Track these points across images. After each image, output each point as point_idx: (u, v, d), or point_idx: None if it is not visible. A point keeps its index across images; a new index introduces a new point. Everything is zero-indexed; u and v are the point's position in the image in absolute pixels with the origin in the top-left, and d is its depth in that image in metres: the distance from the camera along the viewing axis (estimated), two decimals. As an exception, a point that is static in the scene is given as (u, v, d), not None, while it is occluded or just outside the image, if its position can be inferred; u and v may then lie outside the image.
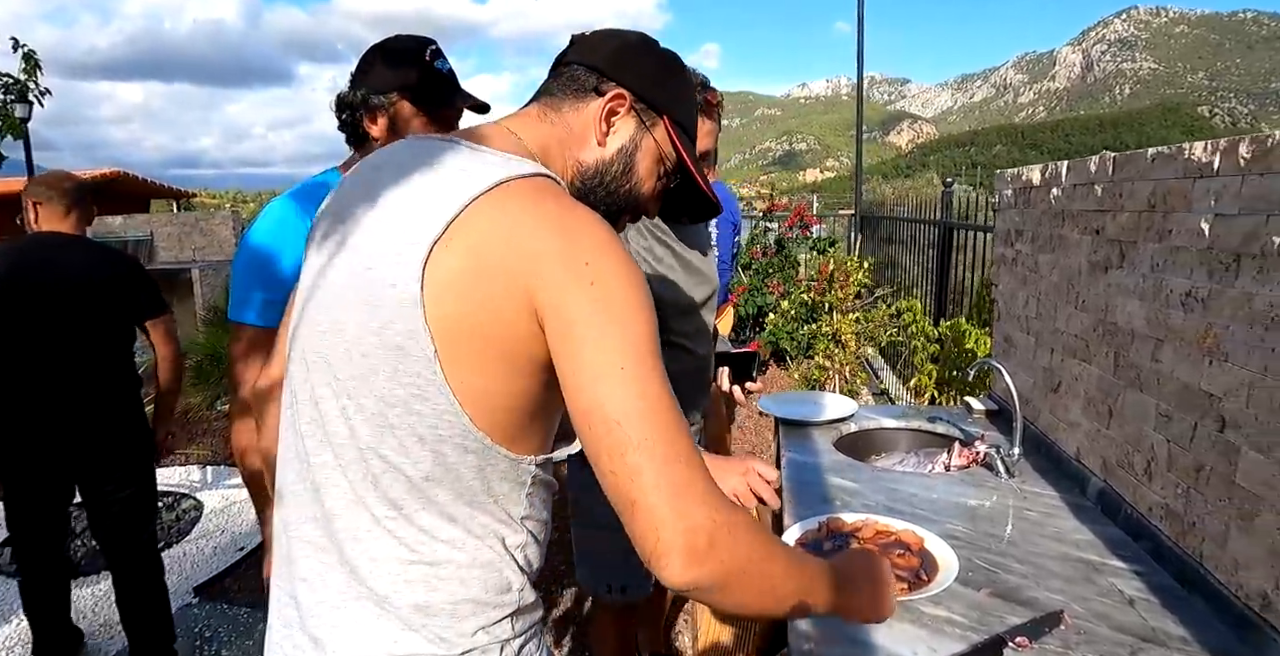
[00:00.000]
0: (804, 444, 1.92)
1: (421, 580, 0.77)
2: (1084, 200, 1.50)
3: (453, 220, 0.71)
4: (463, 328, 0.71)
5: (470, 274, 0.70)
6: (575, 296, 0.69)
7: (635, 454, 0.66)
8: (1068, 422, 1.63)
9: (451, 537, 0.78)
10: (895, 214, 5.54)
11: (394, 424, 0.74)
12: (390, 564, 0.77)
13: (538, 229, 0.70)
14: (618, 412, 0.67)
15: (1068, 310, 1.60)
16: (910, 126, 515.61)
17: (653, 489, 0.65)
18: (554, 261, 0.69)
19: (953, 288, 3.81)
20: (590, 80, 0.86)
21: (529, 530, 0.84)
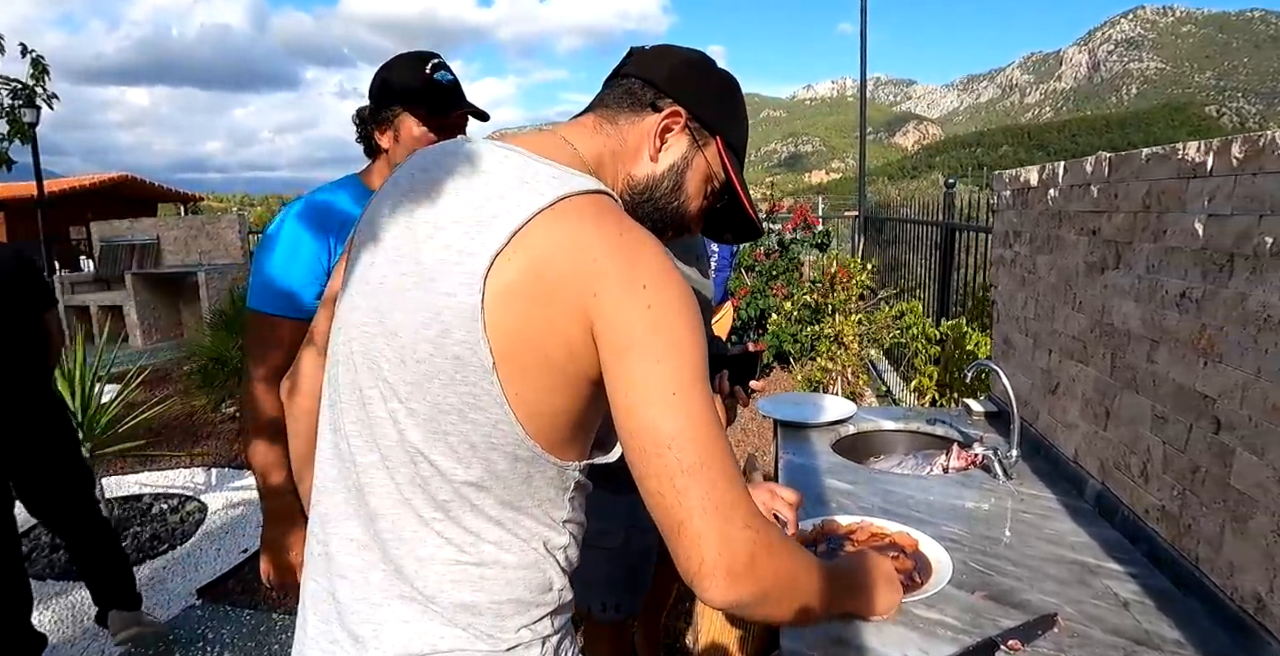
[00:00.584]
0: (802, 446, 1.91)
1: (468, 580, 0.79)
2: (1081, 201, 1.49)
3: (515, 233, 0.72)
4: (520, 341, 0.73)
5: (530, 288, 0.71)
6: (632, 318, 0.70)
7: (684, 478, 0.69)
8: (1066, 424, 1.62)
9: (499, 539, 0.80)
10: (898, 215, 5.53)
11: (447, 431, 0.76)
12: (437, 564, 0.79)
13: (598, 248, 0.71)
14: (668, 436, 0.69)
15: (1065, 311, 1.59)
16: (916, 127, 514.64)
17: (700, 512, 0.68)
18: (613, 281, 0.71)
19: (955, 289, 3.80)
20: (647, 95, 0.87)
21: (570, 532, 0.86)
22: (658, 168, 0.87)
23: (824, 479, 1.67)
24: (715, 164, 0.90)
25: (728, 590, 0.69)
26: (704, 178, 0.90)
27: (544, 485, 0.81)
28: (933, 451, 1.95)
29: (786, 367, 6.08)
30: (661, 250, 0.76)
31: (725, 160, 0.90)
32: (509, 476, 0.78)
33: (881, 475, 1.73)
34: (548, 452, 0.79)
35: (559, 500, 0.84)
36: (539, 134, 0.87)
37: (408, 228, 0.79)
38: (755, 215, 0.96)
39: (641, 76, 0.88)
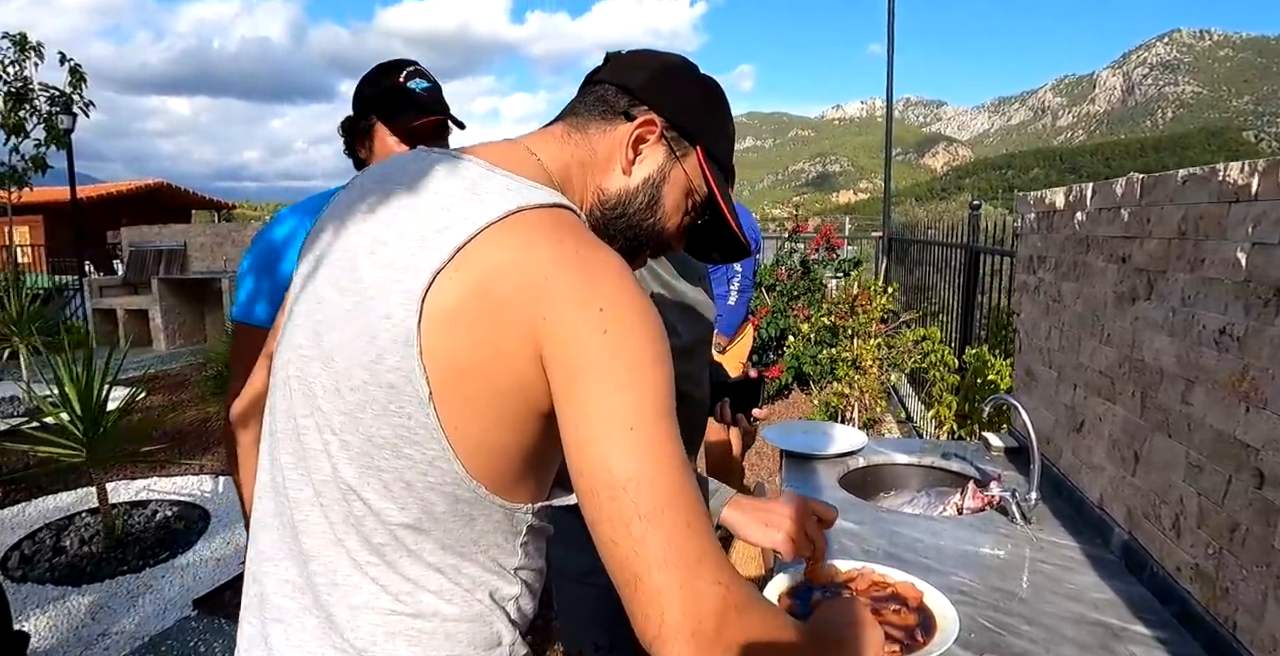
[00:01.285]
0: (807, 478, 1.81)
1: (404, 633, 0.71)
2: (1110, 225, 1.38)
3: (460, 249, 0.65)
4: (461, 368, 0.65)
5: (474, 310, 0.65)
6: (585, 343, 0.63)
7: (642, 524, 0.60)
8: (1091, 466, 1.50)
9: (440, 588, 0.72)
10: (922, 237, 5.40)
11: (380, 466, 0.69)
12: (370, 614, 0.71)
13: (550, 265, 0.64)
14: (624, 477, 0.61)
15: (1092, 344, 1.48)
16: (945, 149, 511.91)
17: (659, 564, 0.60)
18: (566, 303, 0.63)
19: (980, 314, 3.67)
20: (621, 102, 0.80)
21: (523, 581, 0.78)
22: (631, 181, 0.80)
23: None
24: (696, 176, 0.82)
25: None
26: (683, 191, 0.82)
27: (490, 529, 0.73)
28: (947, 489, 1.84)
29: (806, 390, 5.94)
30: (625, 271, 0.68)
31: (706, 172, 0.82)
32: (449, 519, 0.71)
33: (890, 515, 1.61)
34: (494, 494, 0.71)
35: (508, 546, 0.76)
36: (502, 144, 0.80)
37: (351, 242, 0.72)
38: (741, 232, 0.88)
39: (616, 82, 0.81)
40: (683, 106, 0.81)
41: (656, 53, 0.86)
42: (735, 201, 3.12)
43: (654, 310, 0.67)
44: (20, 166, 8.19)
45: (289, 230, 1.43)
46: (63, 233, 15.60)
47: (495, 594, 0.75)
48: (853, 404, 3.70)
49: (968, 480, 1.80)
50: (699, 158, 0.82)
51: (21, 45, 7.52)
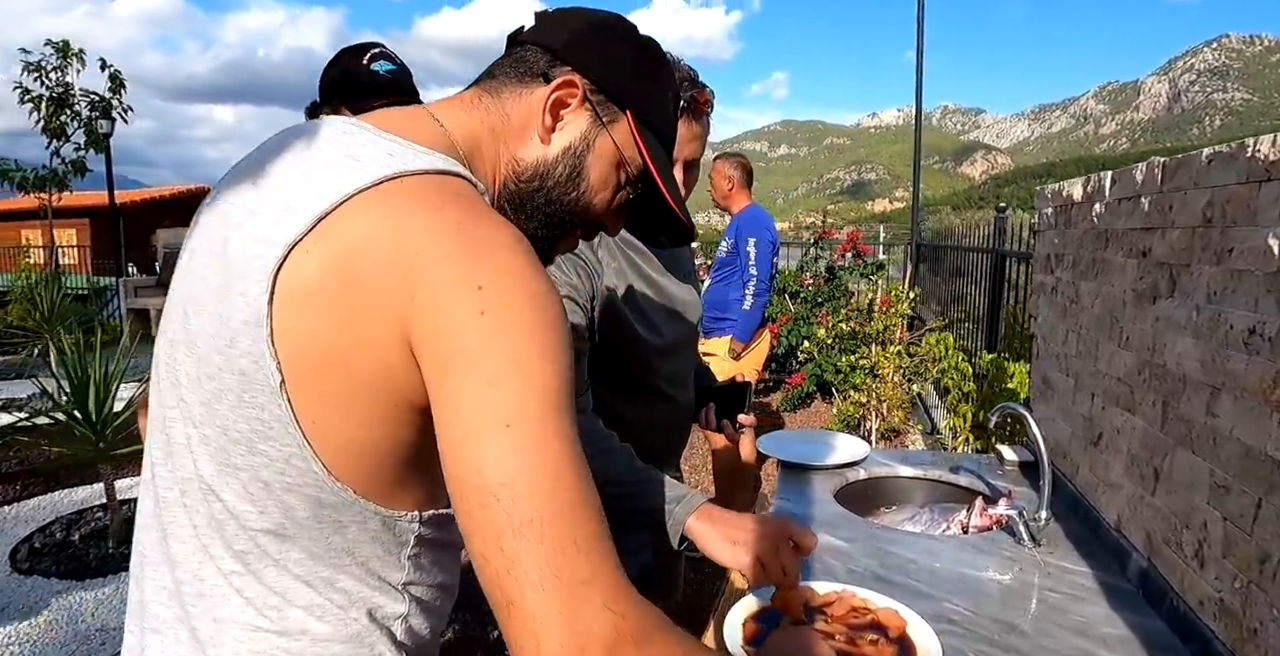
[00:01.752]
0: (800, 491, 1.68)
1: (267, 653, 0.63)
2: (1130, 217, 1.25)
3: (322, 218, 0.57)
4: (318, 354, 0.57)
5: (333, 288, 0.56)
6: (459, 326, 0.54)
7: (515, 539, 0.51)
8: (1108, 483, 1.36)
9: (309, 603, 0.63)
10: (948, 242, 5.21)
11: (237, 464, 0.61)
12: (235, 629, 0.63)
13: (427, 239, 0.56)
14: (496, 481, 0.52)
15: (1110, 348, 1.34)
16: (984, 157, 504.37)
17: (535, 586, 0.51)
18: (440, 281, 0.55)
19: (1005, 320, 3.49)
20: (540, 63, 0.71)
21: (414, 597, 0.69)
22: (550, 150, 0.71)
23: (816, 533, 1.44)
24: (627, 146, 0.73)
25: None
26: (612, 163, 0.73)
27: (366, 539, 0.64)
28: (953, 505, 1.70)
29: (828, 400, 5.78)
30: (518, 247, 0.59)
31: (639, 141, 0.73)
32: (314, 525, 0.62)
33: (885, 532, 1.48)
34: (366, 499, 0.62)
35: (391, 558, 0.67)
36: (404, 111, 0.71)
37: (224, 214, 0.64)
38: (679, 209, 0.78)
39: (538, 42, 0.72)
40: (611, 67, 0.72)
41: (587, 10, 0.76)
42: (753, 205, 3.02)
43: (554, 294, 0.58)
44: (60, 169, 8.40)
45: None
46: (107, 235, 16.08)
47: (376, 612, 0.66)
48: (871, 414, 3.54)
49: (976, 496, 1.66)
50: (630, 125, 0.72)
51: (64, 52, 7.73)
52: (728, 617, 1.05)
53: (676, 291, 1.50)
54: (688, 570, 3.11)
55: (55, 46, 7.57)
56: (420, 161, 0.61)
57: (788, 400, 5.86)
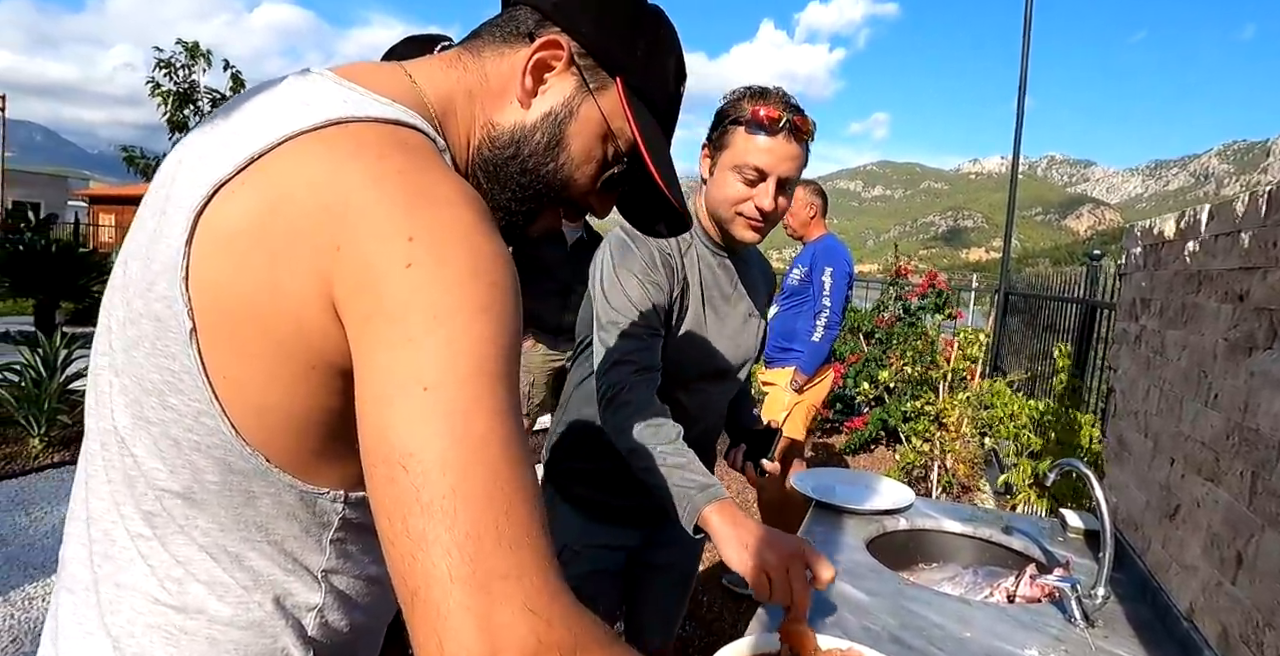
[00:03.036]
0: (830, 534, 1.55)
1: (162, 628, 0.58)
2: (1227, 256, 1.08)
3: (255, 159, 0.52)
4: (233, 302, 0.52)
5: (255, 233, 0.52)
6: (382, 280, 0.49)
7: (423, 518, 0.45)
8: (1183, 565, 1.18)
9: (211, 579, 0.58)
10: (1036, 291, 4.90)
11: (149, 418, 0.57)
12: (135, 597, 0.59)
13: (363, 186, 0.51)
14: (404, 450, 0.46)
15: (1195, 407, 1.17)
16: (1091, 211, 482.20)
17: (442, 578, 0.44)
18: (368, 230, 0.50)
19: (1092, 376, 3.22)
20: (528, 22, 0.67)
21: (334, 588, 0.63)
22: (529, 115, 0.66)
23: (836, 582, 1.30)
24: (615, 117, 0.67)
25: None
26: (597, 134, 0.68)
27: (279, 515, 0.59)
28: (1000, 570, 1.52)
29: (893, 447, 5.49)
30: (465, 202, 0.53)
31: (629, 112, 0.67)
32: (223, 493, 0.57)
33: (915, 589, 1.33)
34: (280, 470, 0.57)
35: (310, 540, 0.61)
36: (377, 64, 0.67)
37: (178, 160, 0.61)
38: (670, 191, 0.70)
39: (529, 2, 0.67)
40: (603, 30, 0.67)
41: None
42: (829, 236, 2.92)
43: (502, 257, 0.52)
44: (180, 160, 9.03)
45: None
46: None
47: (286, 599, 0.60)
48: (931, 464, 3.31)
49: (1028, 562, 1.49)
50: (620, 93, 0.67)
51: (193, 52, 8.36)
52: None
53: (734, 327, 1.44)
54: (725, 599, 2.98)
55: (185, 46, 8.19)
56: (374, 109, 0.56)
57: (849, 444, 5.60)
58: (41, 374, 4.26)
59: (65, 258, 8.38)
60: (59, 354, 4.40)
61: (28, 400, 4.14)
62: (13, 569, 2.83)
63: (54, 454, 4.17)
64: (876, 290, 7.52)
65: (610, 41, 0.67)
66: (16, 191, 24.81)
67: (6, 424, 4.33)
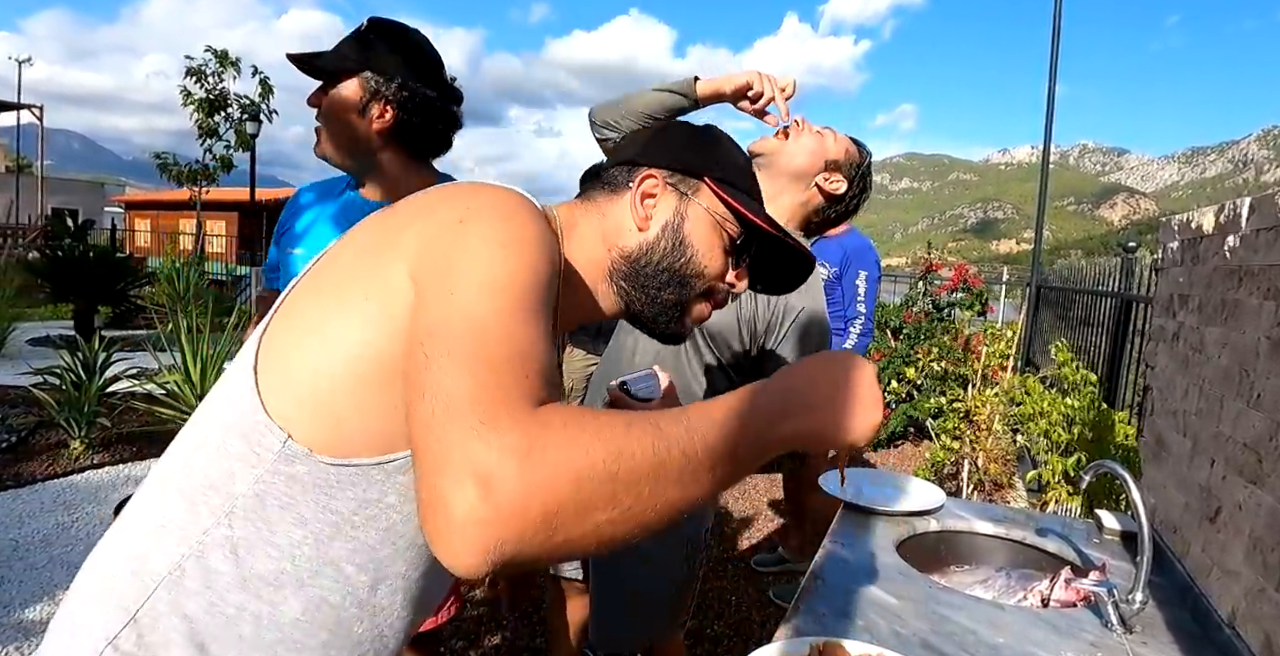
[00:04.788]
0: (860, 537, 1.53)
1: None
2: (1270, 250, 1.05)
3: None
4: None
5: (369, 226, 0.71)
6: (440, 237, 0.63)
7: (428, 370, 0.54)
8: (1225, 570, 1.14)
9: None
10: (1069, 284, 4.79)
11: None
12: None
13: (430, 196, 0.69)
14: (427, 328, 0.57)
15: (1237, 406, 1.13)
16: (1125, 200, 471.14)
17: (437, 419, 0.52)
18: (426, 217, 0.66)
19: (1127, 371, 3.14)
20: (623, 175, 0.84)
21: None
22: (649, 233, 0.81)
23: (864, 585, 1.29)
24: (715, 207, 0.83)
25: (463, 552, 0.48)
26: (709, 226, 0.83)
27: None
28: (1035, 573, 1.50)
29: (920, 442, 5.42)
30: (516, 203, 0.67)
31: (723, 196, 0.82)
32: None
33: (947, 593, 1.31)
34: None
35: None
36: None
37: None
38: (791, 239, 0.85)
39: (614, 164, 0.86)
40: (677, 152, 0.84)
41: (647, 127, 0.95)
42: (853, 231, 3.00)
43: (544, 240, 0.65)
44: (211, 165, 9.20)
45: (293, 206, 1.53)
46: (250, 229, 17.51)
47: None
48: (961, 462, 3.26)
49: (1064, 565, 1.45)
50: (710, 187, 0.82)
51: (222, 60, 8.51)
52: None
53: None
54: (750, 607, 2.97)
55: (215, 54, 8.35)
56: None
57: (875, 441, 5.55)
58: (81, 377, 4.36)
59: (103, 263, 8.60)
60: (98, 357, 4.51)
61: (68, 403, 4.25)
62: (55, 568, 2.91)
63: (94, 455, 4.28)
64: (905, 284, 7.41)
65: (686, 156, 0.83)
66: (56, 198, 25.48)
67: (48, 427, 4.45)
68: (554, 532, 0.48)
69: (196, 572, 0.64)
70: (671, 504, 0.53)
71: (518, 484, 0.47)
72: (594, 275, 0.81)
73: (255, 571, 0.64)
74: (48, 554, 3.02)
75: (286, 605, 0.65)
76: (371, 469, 0.64)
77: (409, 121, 1.35)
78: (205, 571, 0.64)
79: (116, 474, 4.11)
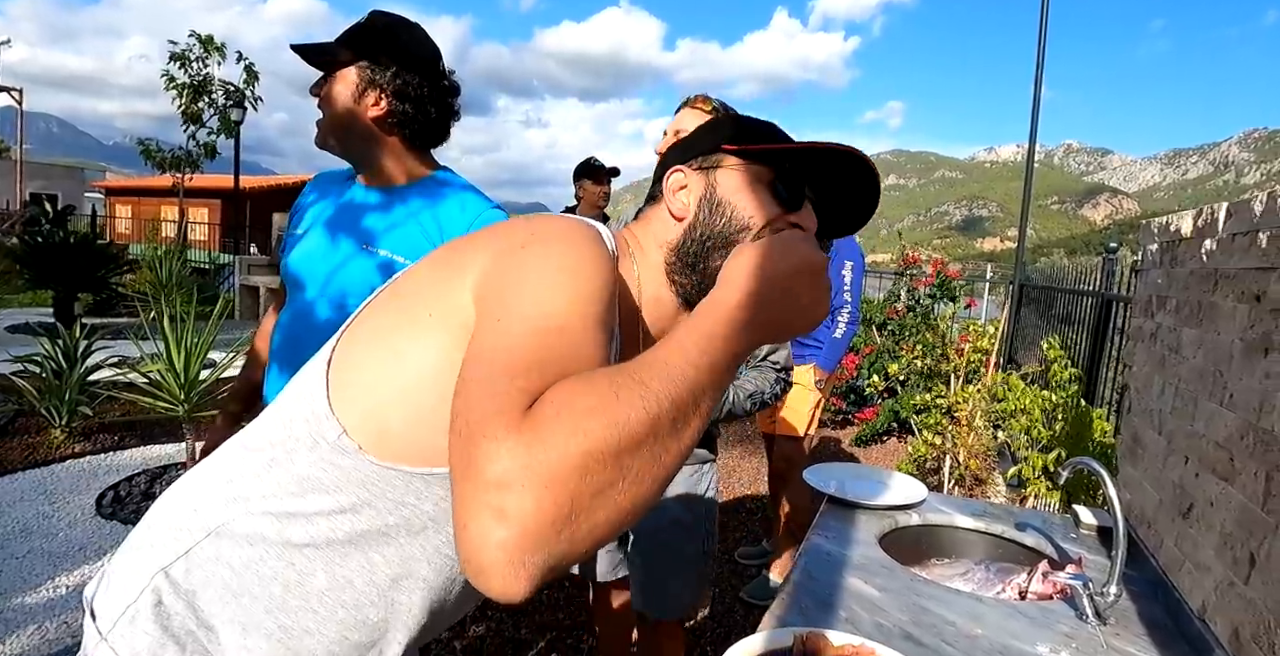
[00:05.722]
0: (842, 530, 1.55)
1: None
2: (1245, 255, 1.08)
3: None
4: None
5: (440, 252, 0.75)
6: (500, 261, 0.65)
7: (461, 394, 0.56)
8: (1196, 564, 1.18)
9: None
10: (1050, 283, 4.86)
11: None
12: None
13: (504, 223, 0.73)
14: (474, 353, 0.58)
15: (1210, 406, 1.16)
16: (1108, 200, 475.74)
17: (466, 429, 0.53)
18: (494, 241, 0.68)
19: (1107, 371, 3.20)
20: (657, 186, 0.85)
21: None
22: (688, 218, 0.81)
23: (847, 577, 1.32)
24: (737, 164, 0.81)
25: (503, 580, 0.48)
26: (741, 180, 0.81)
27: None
28: (1013, 566, 1.53)
29: (904, 439, 5.48)
30: (576, 230, 0.68)
31: (741, 148, 0.81)
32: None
33: (927, 586, 1.34)
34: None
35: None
36: None
37: None
38: (838, 147, 0.79)
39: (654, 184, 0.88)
40: (694, 143, 0.84)
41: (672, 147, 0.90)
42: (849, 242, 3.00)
43: (597, 247, 0.66)
44: (195, 152, 9.08)
45: (308, 190, 1.55)
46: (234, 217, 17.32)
47: None
48: (943, 458, 3.31)
49: (1042, 559, 1.49)
50: (729, 148, 0.81)
51: (207, 45, 8.39)
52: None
53: None
54: (733, 600, 3.00)
55: (199, 39, 8.24)
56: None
57: (860, 435, 5.61)
58: (62, 365, 4.32)
59: (83, 249, 8.48)
60: (79, 345, 4.46)
61: (49, 391, 4.21)
62: (37, 558, 2.89)
63: (75, 444, 4.24)
64: (890, 280, 7.48)
65: (702, 143, 0.83)
66: (34, 183, 25.06)
67: (29, 415, 4.41)
68: (577, 525, 0.48)
69: (245, 529, 0.70)
70: (676, 453, 0.54)
71: (525, 494, 0.47)
72: (658, 283, 0.81)
73: (294, 542, 0.70)
74: (28, 544, 3.00)
75: (315, 578, 0.71)
76: (413, 477, 0.69)
77: (404, 110, 1.38)
78: (253, 530, 0.70)
79: (98, 463, 4.08)
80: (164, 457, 4.30)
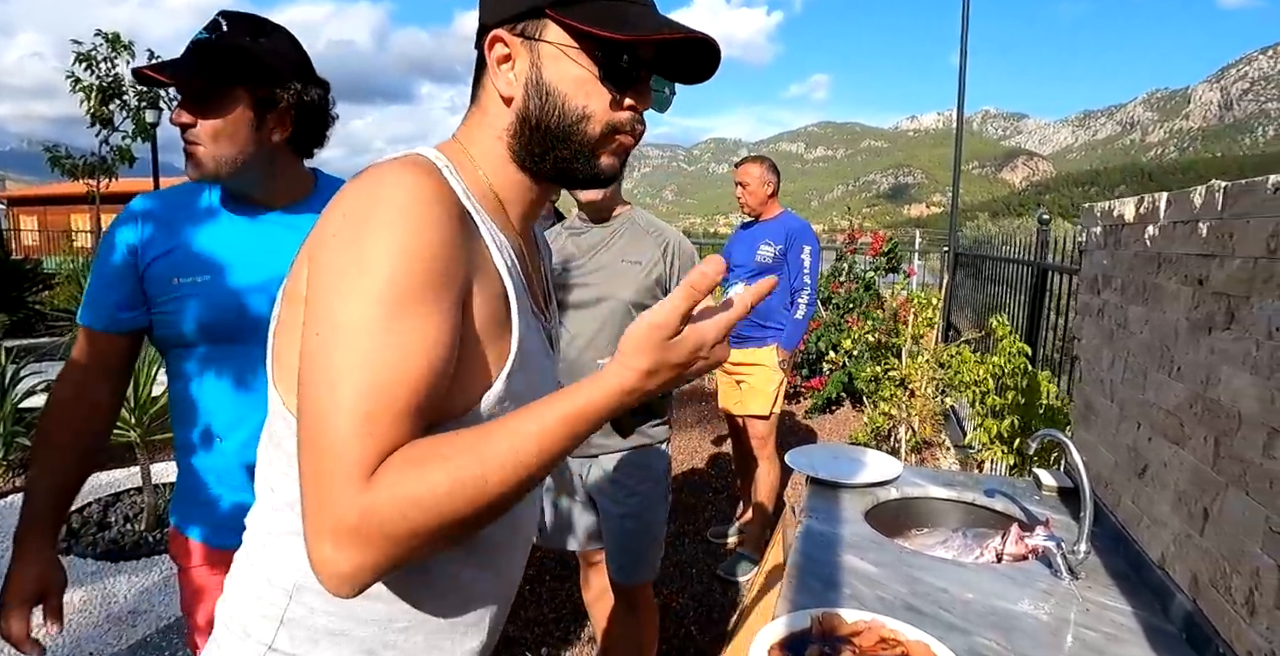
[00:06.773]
0: (830, 510, 1.65)
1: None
2: (1185, 242, 1.19)
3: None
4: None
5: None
6: (316, 257, 0.64)
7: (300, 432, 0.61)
8: (1153, 519, 1.31)
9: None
10: (987, 252, 5.10)
11: None
12: None
13: (335, 199, 0.66)
14: (306, 375, 0.62)
15: (1159, 378, 1.29)
16: (1025, 163, 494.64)
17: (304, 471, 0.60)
18: (318, 229, 0.66)
19: (1045, 337, 3.40)
20: (480, 53, 0.75)
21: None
22: (515, 101, 0.73)
23: (844, 555, 1.41)
24: (564, 38, 0.71)
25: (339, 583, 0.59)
26: (568, 62, 0.71)
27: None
28: (986, 531, 1.65)
29: (858, 408, 5.69)
30: (402, 195, 0.63)
31: (566, 23, 0.70)
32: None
33: (916, 557, 1.45)
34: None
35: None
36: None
37: None
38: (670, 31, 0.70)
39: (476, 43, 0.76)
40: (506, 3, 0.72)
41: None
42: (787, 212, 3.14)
43: (422, 228, 0.62)
44: (109, 157, 8.61)
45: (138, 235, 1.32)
46: (151, 222, 16.42)
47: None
48: (900, 427, 3.48)
49: (1012, 522, 1.61)
50: (553, 17, 0.70)
51: (114, 43, 7.94)
52: (753, 646, 1.03)
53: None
54: (710, 579, 3.10)
55: (106, 37, 7.78)
56: (399, 154, 0.72)
57: (813, 406, 5.80)
58: (-8, 394, 4.10)
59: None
60: (6, 370, 4.23)
61: (-19, 423, 3.99)
62: (-1, 597, 2.78)
63: (16, 478, 4.03)
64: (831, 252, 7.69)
65: (515, 4, 0.71)
66: (-78, 195, 23.25)
67: (-39, 449, 4.17)
68: (399, 561, 0.59)
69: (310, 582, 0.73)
70: (508, 503, 0.62)
71: (354, 544, 0.57)
72: (510, 171, 0.75)
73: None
74: (-15, 585, 2.88)
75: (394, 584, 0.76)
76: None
77: (305, 127, 1.26)
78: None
79: (46, 494, 3.90)
80: (114, 484, 4.12)
